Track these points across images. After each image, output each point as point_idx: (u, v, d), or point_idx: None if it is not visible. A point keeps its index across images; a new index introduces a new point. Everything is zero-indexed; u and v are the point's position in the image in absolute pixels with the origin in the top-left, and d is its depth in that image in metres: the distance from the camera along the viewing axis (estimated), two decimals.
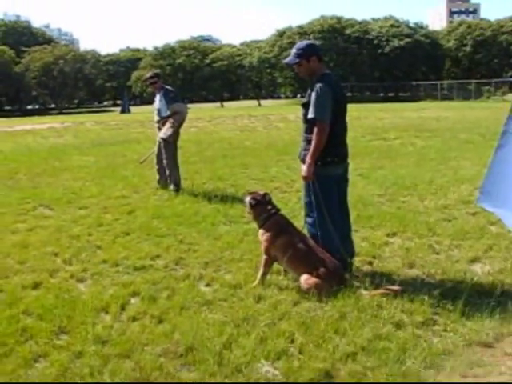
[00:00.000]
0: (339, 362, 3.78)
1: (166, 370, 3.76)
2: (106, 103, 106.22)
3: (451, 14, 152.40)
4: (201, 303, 4.85)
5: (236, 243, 6.59)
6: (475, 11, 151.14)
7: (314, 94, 5.16)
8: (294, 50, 5.40)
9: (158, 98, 10.00)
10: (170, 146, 9.71)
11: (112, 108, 79.62)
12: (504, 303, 4.56)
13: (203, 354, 3.91)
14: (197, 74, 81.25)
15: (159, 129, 9.94)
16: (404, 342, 3.99)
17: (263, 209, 5.38)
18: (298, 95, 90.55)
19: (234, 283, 5.29)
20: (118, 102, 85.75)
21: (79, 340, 4.21)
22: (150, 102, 12.31)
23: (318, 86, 5.16)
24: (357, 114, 30.46)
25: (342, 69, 73.18)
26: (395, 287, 4.94)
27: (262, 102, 75.35)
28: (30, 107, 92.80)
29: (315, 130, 5.12)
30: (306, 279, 4.93)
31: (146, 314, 4.68)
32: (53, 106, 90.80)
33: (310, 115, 5.15)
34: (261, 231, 5.36)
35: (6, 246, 6.91)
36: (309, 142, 5.23)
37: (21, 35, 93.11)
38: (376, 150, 15.05)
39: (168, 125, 9.62)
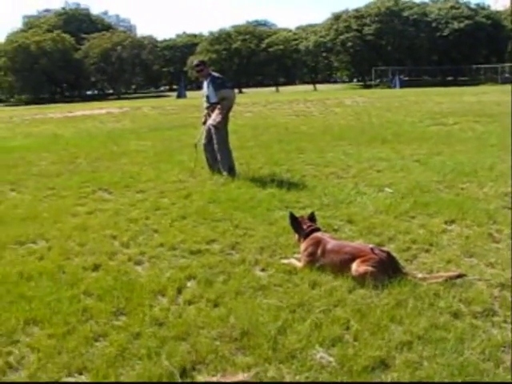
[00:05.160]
0: (395, 350, 3.75)
1: (221, 353, 3.80)
2: (162, 88, 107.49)
3: None
4: (256, 288, 4.87)
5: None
6: None
7: None
8: None
9: (205, 84, 10.10)
10: (220, 132, 9.80)
11: (168, 93, 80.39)
12: None
13: (258, 338, 3.94)
14: (252, 59, 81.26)
15: (208, 115, 10.08)
16: (462, 333, 3.91)
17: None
18: (355, 79, 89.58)
19: (289, 268, 5.30)
20: (175, 87, 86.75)
21: (137, 321, 4.31)
22: None
23: None
24: (414, 98, 29.90)
25: (398, 52, 71.94)
26: (454, 273, 4.89)
27: (318, 86, 74.77)
28: (89, 93, 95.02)
29: None
30: (356, 268, 4.90)
31: (202, 297, 4.74)
32: (111, 91, 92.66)
33: None
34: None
35: (67, 228, 7.10)
36: None
37: (80, 23, 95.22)
38: (434, 136, 14.72)
39: (217, 111, 9.76)
